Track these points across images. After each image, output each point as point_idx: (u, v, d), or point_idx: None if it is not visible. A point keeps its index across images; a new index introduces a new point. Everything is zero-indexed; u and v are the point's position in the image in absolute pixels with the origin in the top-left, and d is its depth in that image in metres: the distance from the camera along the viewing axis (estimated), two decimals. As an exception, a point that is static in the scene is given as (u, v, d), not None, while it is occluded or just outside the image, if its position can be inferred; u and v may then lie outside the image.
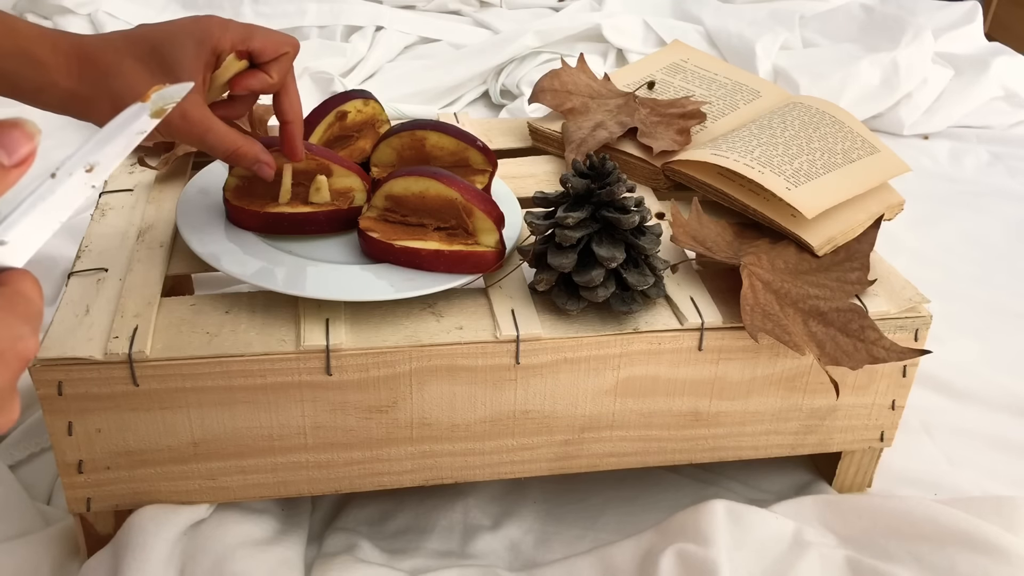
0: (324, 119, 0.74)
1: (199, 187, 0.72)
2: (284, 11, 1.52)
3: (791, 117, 0.80)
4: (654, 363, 0.65)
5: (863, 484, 0.77)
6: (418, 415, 0.64)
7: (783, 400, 0.69)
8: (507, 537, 0.72)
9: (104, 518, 0.66)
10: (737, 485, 0.78)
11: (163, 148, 0.81)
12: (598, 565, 0.67)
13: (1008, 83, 1.40)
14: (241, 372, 0.60)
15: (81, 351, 0.58)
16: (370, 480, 0.67)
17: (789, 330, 0.64)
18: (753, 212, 0.73)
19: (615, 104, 0.86)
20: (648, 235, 0.64)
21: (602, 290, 0.62)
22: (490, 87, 1.41)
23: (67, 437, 0.61)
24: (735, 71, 0.92)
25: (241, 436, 0.63)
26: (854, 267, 0.69)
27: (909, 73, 1.34)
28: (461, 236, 0.65)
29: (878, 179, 0.75)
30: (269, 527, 0.68)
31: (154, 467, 0.63)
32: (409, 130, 0.72)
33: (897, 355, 0.64)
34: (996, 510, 0.68)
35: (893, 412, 0.72)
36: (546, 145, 0.86)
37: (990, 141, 1.36)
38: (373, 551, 0.69)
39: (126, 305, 0.62)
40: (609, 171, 0.63)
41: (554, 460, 0.69)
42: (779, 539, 0.67)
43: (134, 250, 0.68)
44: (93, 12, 1.50)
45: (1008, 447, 0.83)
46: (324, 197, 0.68)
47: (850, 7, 1.52)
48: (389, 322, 0.63)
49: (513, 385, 0.64)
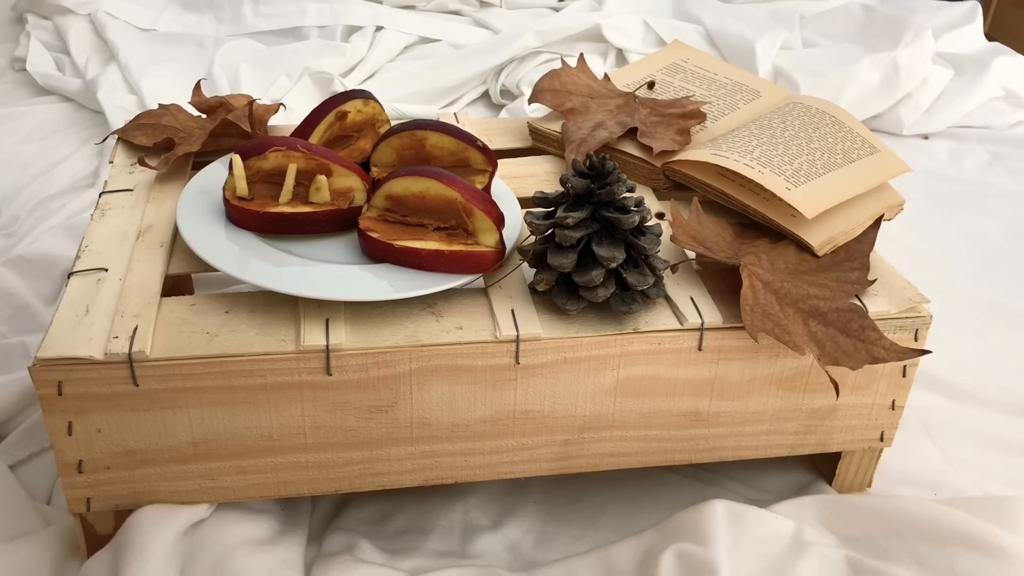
0: (324, 119, 0.74)
1: (199, 187, 0.72)
2: (284, 11, 1.52)
3: (791, 117, 0.80)
4: (654, 363, 0.65)
5: (863, 484, 0.77)
6: (418, 415, 0.64)
7: (783, 400, 0.69)
8: (507, 537, 0.72)
9: (104, 518, 0.66)
10: (737, 485, 0.78)
11: (163, 148, 0.81)
12: (598, 565, 0.67)
13: (1008, 83, 1.40)
14: (241, 372, 0.60)
15: (81, 351, 0.58)
16: (370, 480, 0.67)
17: (789, 330, 0.64)
18: (753, 212, 0.73)
19: (615, 104, 0.86)
20: (648, 235, 0.64)
21: (602, 290, 0.62)
22: (490, 87, 1.41)
23: (67, 437, 0.61)
24: (735, 71, 0.92)
25: (241, 436, 0.63)
26: (854, 267, 0.69)
27: (909, 73, 1.34)
28: (461, 236, 0.65)
29: (878, 179, 0.75)
30: (269, 527, 0.68)
31: (154, 467, 0.63)
32: (409, 130, 0.72)
33: (897, 355, 0.64)
34: (996, 510, 0.68)
35: (893, 412, 0.72)
36: (546, 145, 0.86)
37: (990, 141, 1.36)
38: (373, 551, 0.69)
39: (126, 305, 0.62)
40: (609, 171, 0.63)
41: (554, 460, 0.69)
42: (779, 539, 0.67)
43: (134, 250, 0.68)
44: (93, 12, 1.50)
45: (1008, 447, 0.83)
46: (324, 197, 0.68)
47: (850, 7, 1.52)
48: (389, 322, 0.63)
49: (513, 385, 0.64)
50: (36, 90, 1.38)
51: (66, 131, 1.27)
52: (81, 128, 1.28)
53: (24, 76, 1.41)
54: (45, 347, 0.59)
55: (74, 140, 1.24)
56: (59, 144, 1.24)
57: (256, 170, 0.69)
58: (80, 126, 1.28)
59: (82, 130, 1.27)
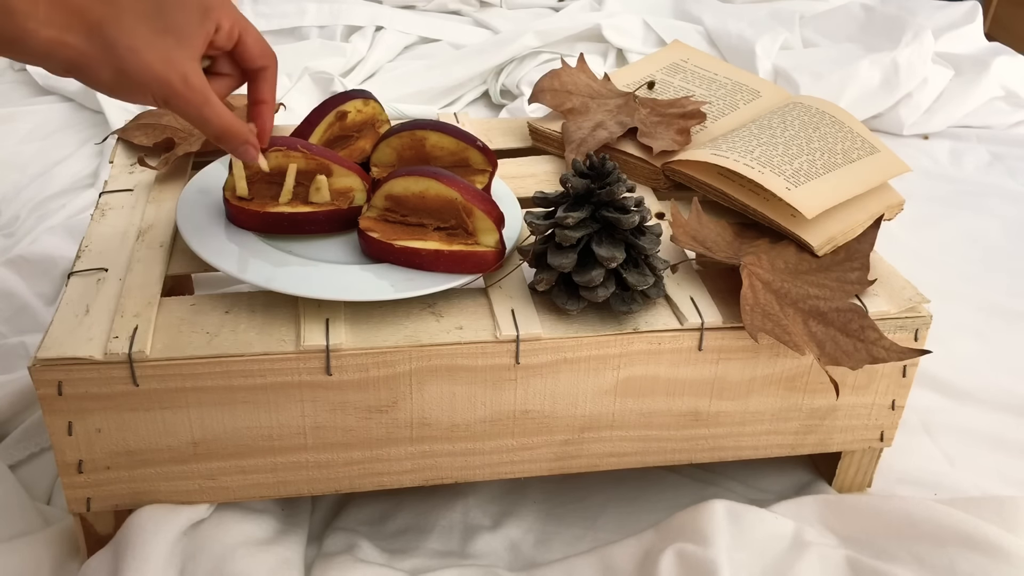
0: (324, 119, 0.74)
1: (199, 187, 0.72)
2: (284, 11, 1.51)
3: (791, 117, 0.80)
4: (654, 363, 0.65)
5: (863, 484, 0.77)
6: (418, 415, 0.64)
7: (783, 400, 0.69)
8: (507, 537, 0.72)
9: (104, 518, 0.66)
10: (737, 485, 0.78)
11: (163, 148, 0.81)
12: (598, 565, 0.67)
13: (1008, 83, 1.40)
14: (241, 372, 0.60)
15: (81, 351, 0.58)
16: (370, 480, 0.67)
17: (789, 330, 0.64)
18: (753, 212, 0.73)
19: (615, 104, 0.86)
20: (648, 235, 0.64)
21: (602, 290, 0.62)
22: (490, 87, 1.41)
23: (67, 437, 0.61)
24: (735, 71, 0.92)
25: (241, 436, 0.63)
26: (854, 267, 0.69)
27: (909, 73, 1.34)
28: (461, 236, 0.65)
29: (878, 179, 0.75)
30: (269, 527, 0.68)
31: (154, 467, 0.63)
32: (409, 130, 0.72)
33: (897, 355, 0.64)
34: (996, 510, 0.68)
35: (893, 412, 0.72)
36: (546, 145, 0.86)
37: (990, 141, 1.36)
38: (373, 551, 0.69)
39: (126, 305, 0.62)
40: (609, 171, 0.63)
41: (554, 460, 0.69)
42: (779, 539, 0.67)
43: (134, 250, 0.68)
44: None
45: (1008, 447, 0.83)
46: (324, 197, 0.68)
47: (850, 7, 1.52)
48: (389, 322, 0.63)
49: (513, 385, 0.64)
50: (36, 90, 1.38)
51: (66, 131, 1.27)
52: (81, 128, 1.28)
53: (24, 76, 1.41)
54: (45, 347, 0.59)
55: (74, 140, 1.24)
56: (59, 144, 1.24)
57: (256, 170, 0.69)
58: (80, 126, 1.28)
59: (82, 130, 1.27)
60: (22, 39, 0.51)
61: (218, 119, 0.57)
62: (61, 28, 0.52)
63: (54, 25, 0.51)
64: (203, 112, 0.57)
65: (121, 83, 0.54)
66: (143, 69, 0.53)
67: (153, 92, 0.55)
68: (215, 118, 0.57)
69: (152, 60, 0.54)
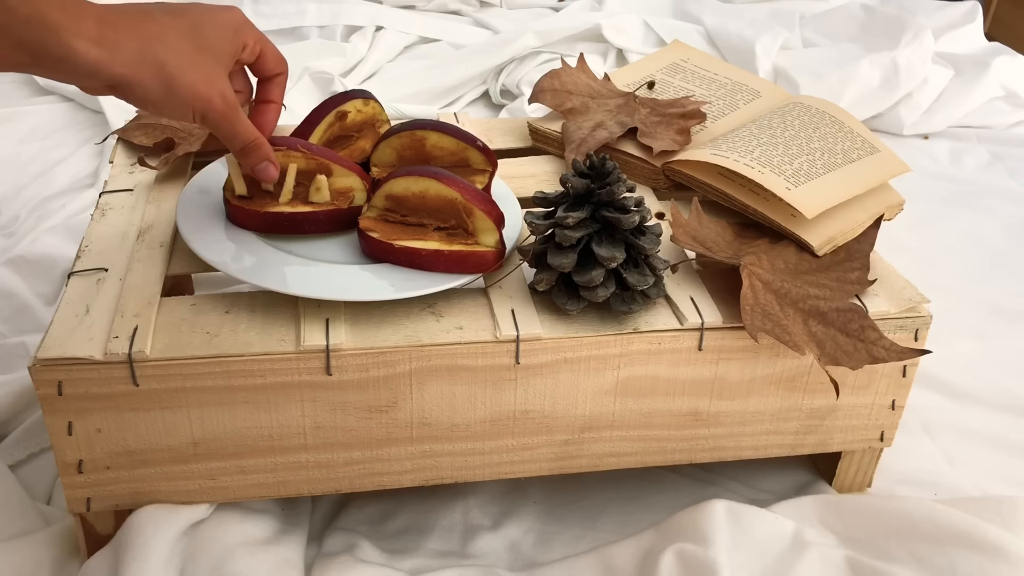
0: (324, 119, 0.74)
1: (199, 187, 0.72)
2: (284, 11, 1.51)
3: (791, 117, 0.80)
4: (654, 363, 0.65)
5: (863, 484, 0.77)
6: (418, 415, 0.64)
7: (783, 400, 0.69)
8: (507, 537, 0.72)
9: (104, 518, 0.66)
10: (737, 485, 0.78)
11: (163, 148, 0.81)
12: (598, 565, 0.67)
13: (1008, 83, 1.40)
14: (241, 372, 0.60)
15: (81, 351, 0.58)
16: (370, 480, 0.67)
17: (789, 330, 0.64)
18: (753, 212, 0.73)
19: (615, 104, 0.86)
20: (648, 235, 0.64)
21: (602, 290, 0.62)
22: (490, 87, 1.41)
23: (67, 437, 0.61)
24: (735, 71, 0.92)
25: (241, 436, 0.63)
26: (854, 267, 0.69)
27: (909, 73, 1.34)
28: (461, 236, 0.65)
29: (878, 179, 0.75)
30: (269, 527, 0.68)
31: (154, 467, 0.63)
32: (409, 130, 0.72)
33: (897, 355, 0.64)
34: (996, 510, 0.68)
35: (893, 412, 0.72)
36: (546, 145, 0.86)
37: (990, 141, 1.36)
38: (373, 551, 0.69)
39: (126, 305, 0.62)
40: (609, 171, 0.63)
41: (554, 460, 0.69)
42: (779, 539, 0.67)
43: (134, 250, 0.68)
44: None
45: (1008, 447, 0.83)
46: (324, 197, 0.68)
47: (850, 7, 1.52)
48: (389, 322, 0.63)
49: (513, 385, 0.64)
50: (36, 90, 1.38)
51: (66, 131, 1.27)
52: (81, 128, 1.28)
53: (24, 76, 1.41)
54: (45, 347, 0.59)
55: (74, 140, 1.24)
56: (59, 144, 1.24)
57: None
58: (80, 126, 1.28)
59: (82, 130, 1.27)
60: (71, 58, 0.51)
61: (248, 134, 0.61)
62: (112, 48, 0.52)
63: (106, 45, 0.52)
64: (235, 127, 0.59)
65: (168, 101, 0.55)
66: (189, 87, 0.55)
67: (195, 108, 0.56)
68: (245, 133, 0.60)
69: (196, 79, 0.55)
